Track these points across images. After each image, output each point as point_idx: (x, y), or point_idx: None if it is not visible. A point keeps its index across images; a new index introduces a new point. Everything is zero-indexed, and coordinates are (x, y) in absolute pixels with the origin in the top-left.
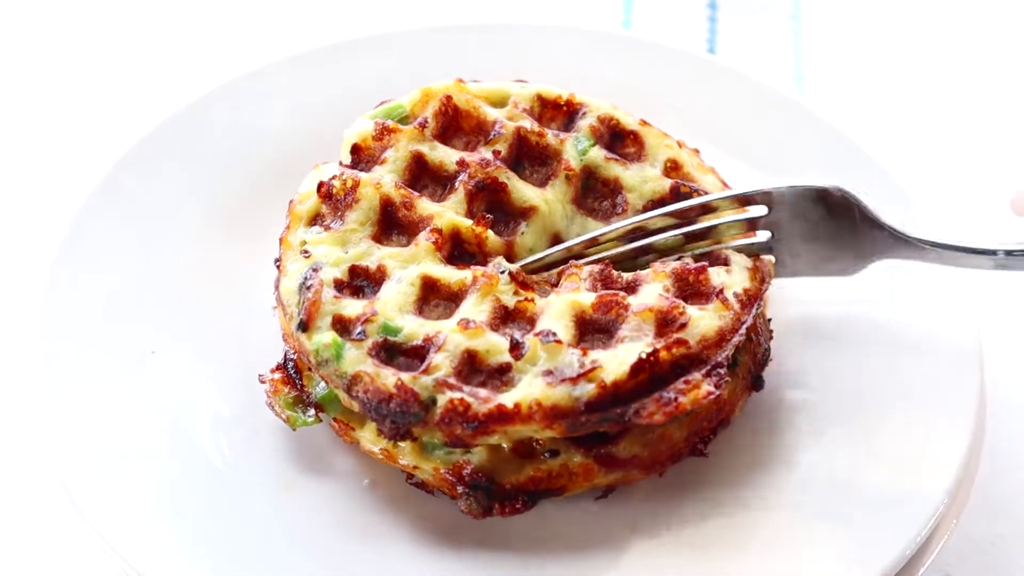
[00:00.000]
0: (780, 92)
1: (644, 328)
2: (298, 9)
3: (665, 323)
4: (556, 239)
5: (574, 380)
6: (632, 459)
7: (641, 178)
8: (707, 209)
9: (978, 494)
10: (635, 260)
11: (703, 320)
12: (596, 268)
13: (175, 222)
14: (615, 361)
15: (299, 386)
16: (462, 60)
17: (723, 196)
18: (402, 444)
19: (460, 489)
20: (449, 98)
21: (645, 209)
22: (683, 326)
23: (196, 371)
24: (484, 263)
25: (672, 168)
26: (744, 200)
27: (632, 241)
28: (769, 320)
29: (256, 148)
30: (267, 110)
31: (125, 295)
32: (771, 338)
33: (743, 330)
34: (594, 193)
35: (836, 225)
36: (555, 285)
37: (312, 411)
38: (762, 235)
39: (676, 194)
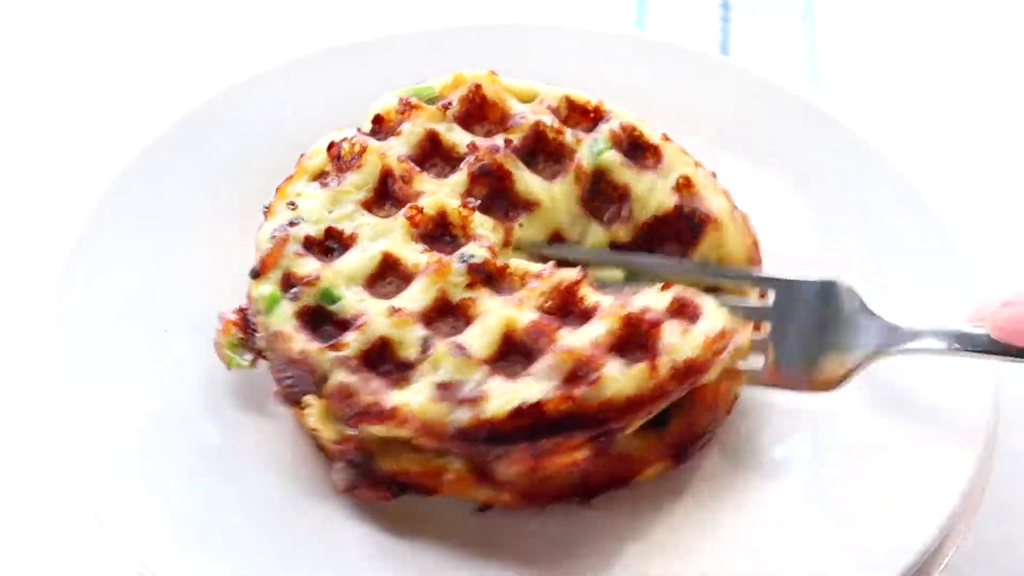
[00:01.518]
0: (794, 93)
1: (555, 371)
2: (312, 11)
3: (576, 374)
4: (556, 237)
5: (457, 403)
6: (508, 483)
7: (650, 188)
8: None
9: (989, 496)
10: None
11: (615, 383)
12: (571, 276)
13: (188, 219)
14: (503, 398)
15: (250, 332)
16: (476, 61)
17: (738, 276)
18: (311, 408)
19: (340, 460)
20: (479, 86)
21: (647, 225)
22: (593, 382)
23: (207, 365)
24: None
25: (684, 185)
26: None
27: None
28: (736, 398)
29: (269, 147)
30: (280, 109)
31: (138, 291)
32: (727, 413)
33: (664, 403)
34: (601, 196)
35: (835, 319)
36: (538, 276)
37: (250, 356)
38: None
39: (678, 213)
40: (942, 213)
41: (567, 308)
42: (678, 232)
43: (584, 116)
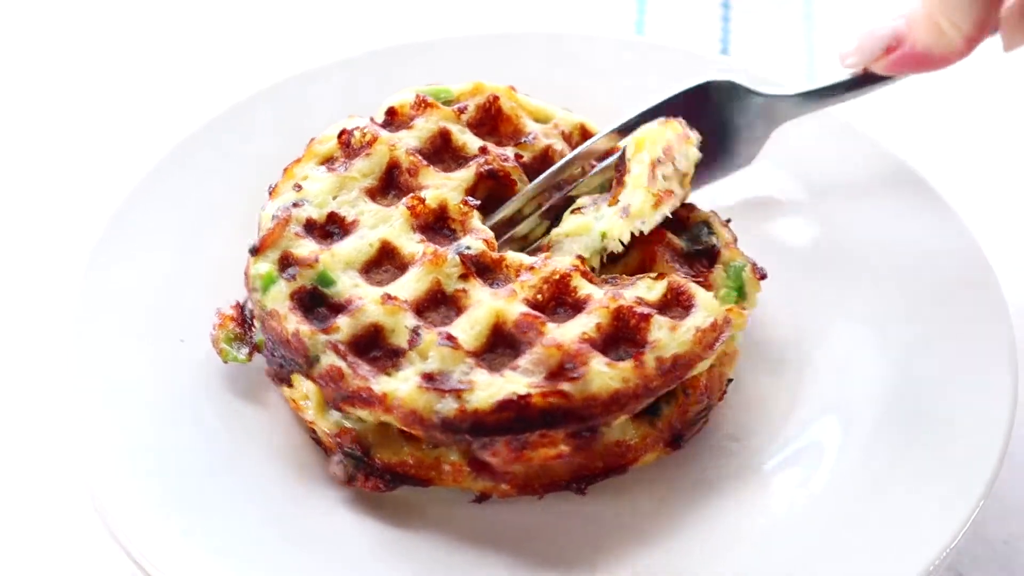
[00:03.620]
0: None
1: (541, 365)
2: (334, 19)
3: (561, 368)
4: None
5: (443, 392)
6: (505, 474)
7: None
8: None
9: (992, 494)
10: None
11: (600, 378)
12: (565, 266)
13: (205, 226)
14: (489, 389)
15: (247, 326)
16: (493, 69)
17: (631, 120)
18: (309, 399)
19: (336, 452)
20: (496, 98)
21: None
22: (575, 379)
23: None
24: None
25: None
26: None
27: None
28: (729, 380)
29: (291, 156)
30: (302, 114)
31: (159, 291)
32: (721, 398)
33: (651, 398)
34: None
35: (726, 115)
36: (530, 268)
37: (247, 349)
38: None
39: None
40: (953, 205)
41: (560, 299)
42: None
43: None
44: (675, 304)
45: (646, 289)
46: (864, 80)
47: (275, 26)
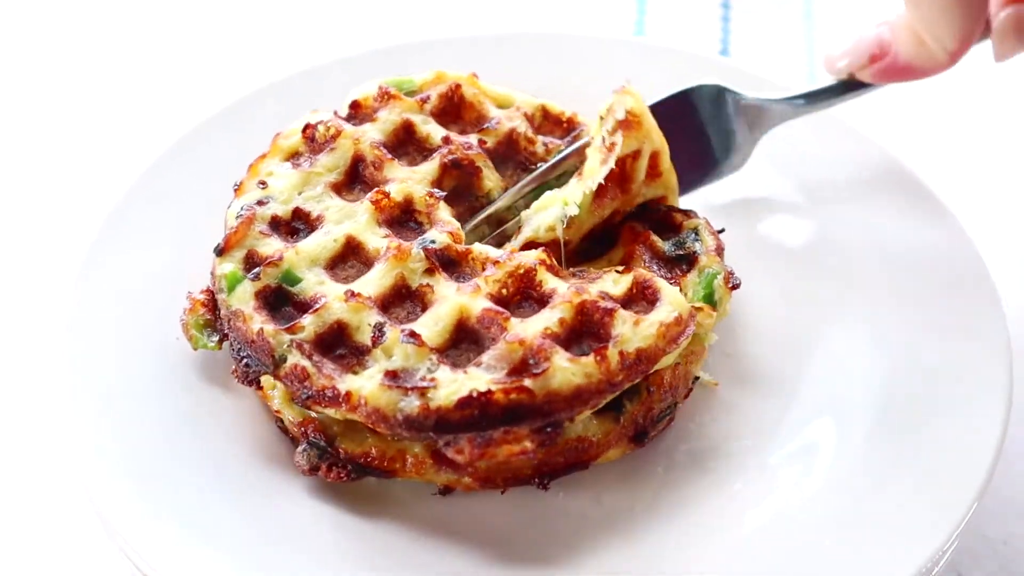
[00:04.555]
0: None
1: (503, 360)
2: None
3: (524, 364)
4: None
5: (407, 390)
6: (467, 467)
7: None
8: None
9: (991, 493)
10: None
11: (563, 374)
12: (531, 260)
13: (205, 224)
14: (451, 387)
15: (217, 312)
16: (493, 69)
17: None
18: (276, 390)
19: (302, 442)
20: (458, 86)
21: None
22: (537, 374)
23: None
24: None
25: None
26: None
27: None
28: (696, 379)
29: None
30: (300, 113)
31: (154, 290)
32: (687, 396)
33: (615, 393)
34: None
35: (713, 119)
36: (495, 262)
37: (217, 337)
38: None
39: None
40: (949, 205)
41: (525, 293)
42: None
43: (557, 126)
44: (640, 298)
45: (612, 283)
46: (851, 86)
47: (275, 25)
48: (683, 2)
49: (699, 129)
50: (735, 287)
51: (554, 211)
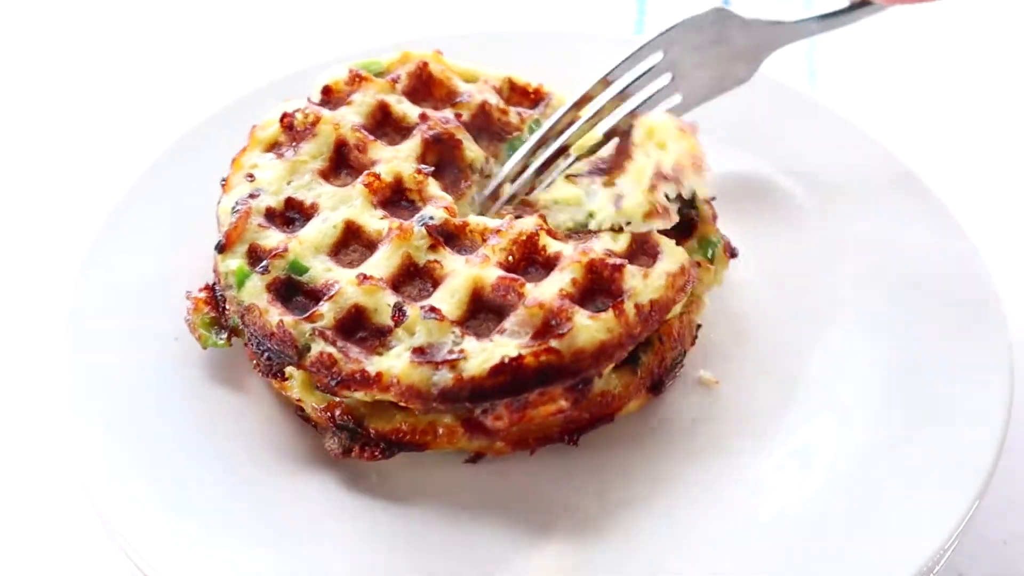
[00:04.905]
0: (792, 88)
1: (526, 325)
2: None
3: (547, 326)
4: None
5: (437, 365)
6: (499, 431)
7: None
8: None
9: (992, 493)
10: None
11: (586, 331)
12: (529, 227)
13: (204, 224)
14: (481, 356)
15: (221, 309)
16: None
17: (623, 62)
18: (293, 379)
19: (330, 427)
20: (425, 64)
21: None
22: (562, 335)
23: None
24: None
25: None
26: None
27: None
28: (699, 327)
29: None
30: None
31: (154, 290)
32: (692, 343)
33: (634, 344)
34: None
35: (724, 42)
36: (496, 231)
37: (225, 334)
38: (664, 79)
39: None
40: (950, 206)
41: (530, 259)
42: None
43: (525, 97)
44: (641, 253)
45: (611, 240)
46: (860, 7)
47: (274, 25)
48: (683, 2)
49: (709, 46)
50: (733, 255)
51: (576, 214)
